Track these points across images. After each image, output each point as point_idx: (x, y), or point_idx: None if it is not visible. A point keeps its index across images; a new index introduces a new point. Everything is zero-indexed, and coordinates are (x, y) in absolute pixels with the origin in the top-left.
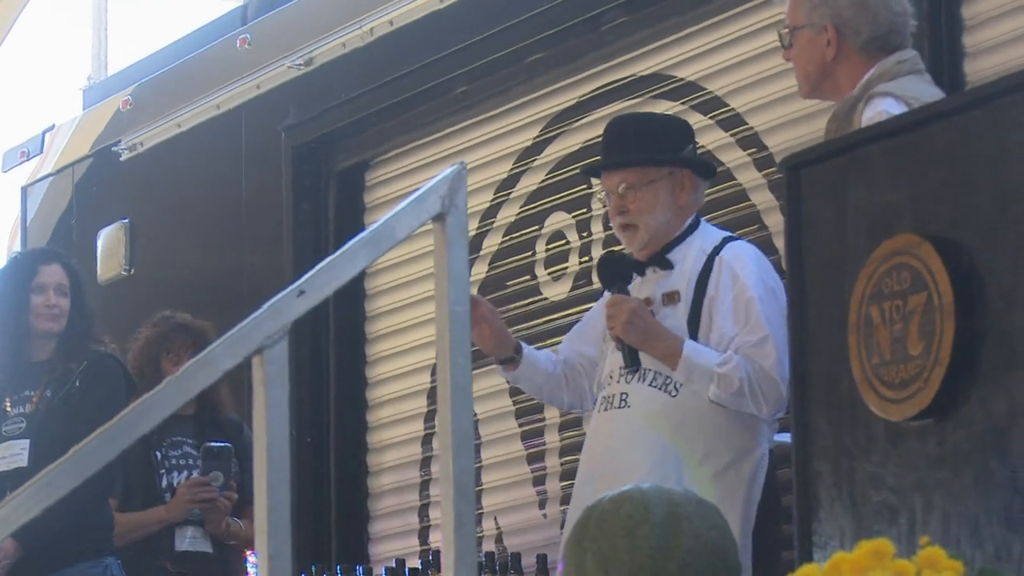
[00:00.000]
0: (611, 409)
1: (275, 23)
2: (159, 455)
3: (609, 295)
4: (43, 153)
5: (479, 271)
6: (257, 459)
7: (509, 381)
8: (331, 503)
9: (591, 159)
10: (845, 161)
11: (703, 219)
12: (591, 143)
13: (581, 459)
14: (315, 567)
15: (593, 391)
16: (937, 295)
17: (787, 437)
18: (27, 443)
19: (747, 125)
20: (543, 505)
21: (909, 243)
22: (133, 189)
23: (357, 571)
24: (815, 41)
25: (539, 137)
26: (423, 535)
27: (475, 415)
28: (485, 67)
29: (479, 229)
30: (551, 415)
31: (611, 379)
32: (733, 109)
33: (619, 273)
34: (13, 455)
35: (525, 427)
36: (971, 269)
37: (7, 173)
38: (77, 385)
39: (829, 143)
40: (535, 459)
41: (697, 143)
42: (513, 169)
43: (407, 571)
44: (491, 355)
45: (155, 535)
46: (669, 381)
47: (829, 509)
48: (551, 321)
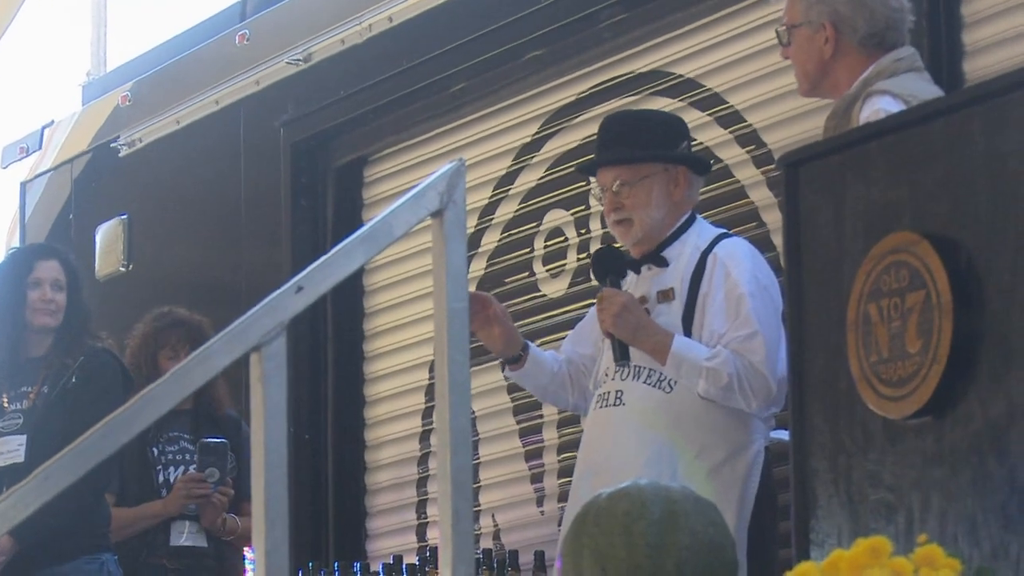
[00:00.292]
0: (606, 406)
1: (274, 19)
2: (156, 450)
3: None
4: (42, 149)
5: (477, 268)
6: (255, 455)
7: (513, 381)
8: (329, 499)
9: (589, 156)
10: (843, 159)
11: (699, 216)
12: (589, 140)
13: (578, 456)
14: (313, 563)
15: (591, 389)
16: (935, 293)
17: (785, 434)
18: (24, 439)
19: (745, 122)
20: (541, 502)
21: (907, 241)
22: (132, 185)
23: (355, 567)
24: (813, 39)
25: (538, 134)
26: (421, 532)
27: (473, 412)
28: (484, 64)
29: (477, 226)
30: (549, 412)
31: (607, 376)
32: (732, 106)
33: (612, 268)
34: (10, 451)
35: (523, 424)
36: (969, 267)
37: (6, 169)
38: (74, 381)
39: (827, 141)
40: (533, 456)
41: (692, 139)
42: (512, 166)
43: (404, 567)
44: (498, 354)
45: (151, 530)
46: (663, 378)
47: (827, 507)
48: (549, 318)
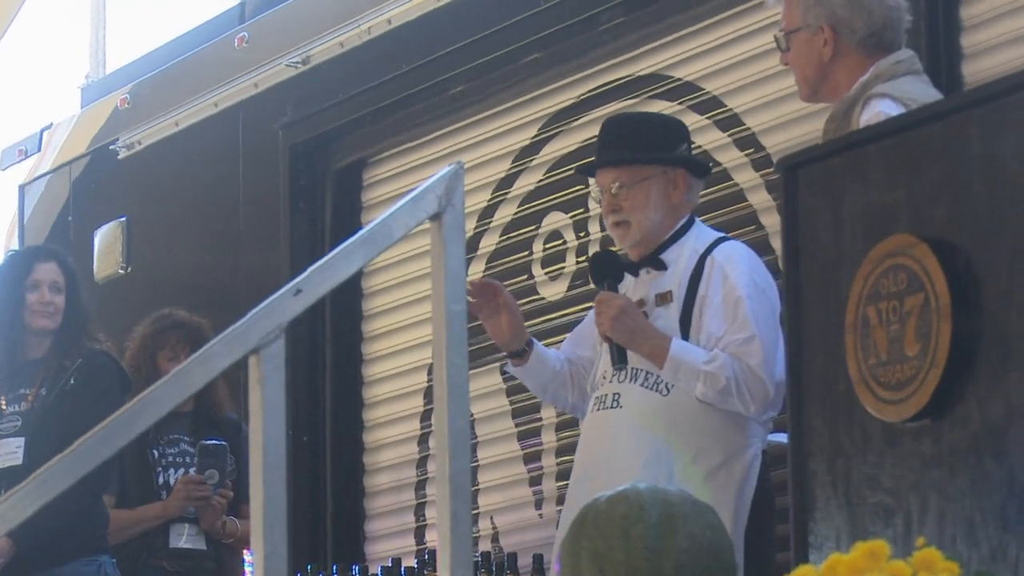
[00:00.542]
0: (604, 409)
1: (273, 22)
2: (156, 453)
3: (599, 294)
4: (41, 151)
5: (476, 270)
6: (253, 458)
7: (516, 376)
8: (327, 502)
9: (588, 159)
10: (842, 162)
11: (698, 219)
12: (589, 143)
13: (575, 459)
14: (311, 566)
15: (589, 392)
16: (934, 296)
17: (783, 437)
18: (22, 441)
19: (744, 125)
20: (539, 505)
21: (906, 244)
22: (130, 187)
23: (353, 570)
24: (812, 42)
25: (536, 137)
26: (419, 534)
27: (471, 415)
28: (483, 66)
29: (476, 229)
30: (548, 415)
31: (604, 379)
32: (731, 109)
33: (609, 271)
34: (8, 453)
35: (521, 427)
36: (967, 270)
37: (5, 171)
38: (72, 383)
39: (826, 144)
40: (531, 459)
41: (692, 142)
42: (510, 169)
43: (403, 570)
44: (503, 346)
45: (151, 532)
46: (660, 381)
47: (825, 509)
48: (548, 321)
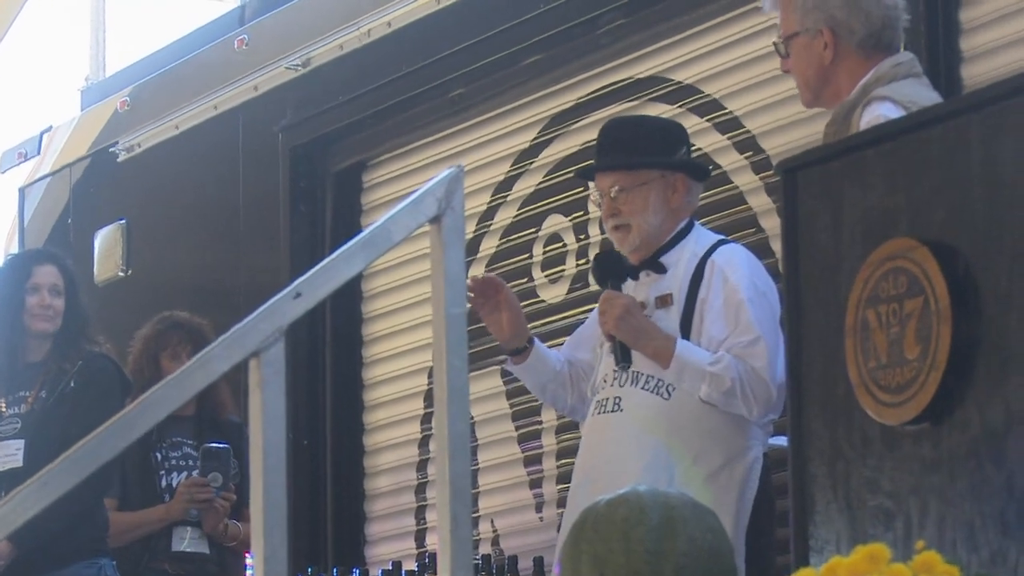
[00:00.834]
0: (605, 413)
1: (273, 24)
2: (159, 456)
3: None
4: (41, 154)
5: (476, 273)
6: (253, 461)
7: (515, 374)
8: (327, 505)
9: (587, 162)
10: (841, 165)
11: (697, 222)
12: (588, 145)
13: (576, 463)
14: (311, 569)
15: (589, 395)
16: (934, 299)
17: (783, 440)
18: (22, 443)
19: (744, 128)
20: (540, 508)
21: (905, 247)
22: (130, 190)
23: (353, 573)
24: (811, 46)
25: (536, 139)
26: (420, 537)
27: (472, 417)
28: (483, 69)
29: (476, 231)
30: (548, 418)
31: (605, 383)
32: (731, 112)
33: (612, 271)
34: (8, 455)
35: (522, 430)
36: (967, 273)
37: (4, 174)
38: (72, 385)
39: (825, 147)
40: (532, 462)
41: (691, 146)
42: (510, 171)
43: (403, 573)
44: (504, 344)
45: (153, 535)
46: (662, 384)
47: (825, 513)
48: (548, 323)
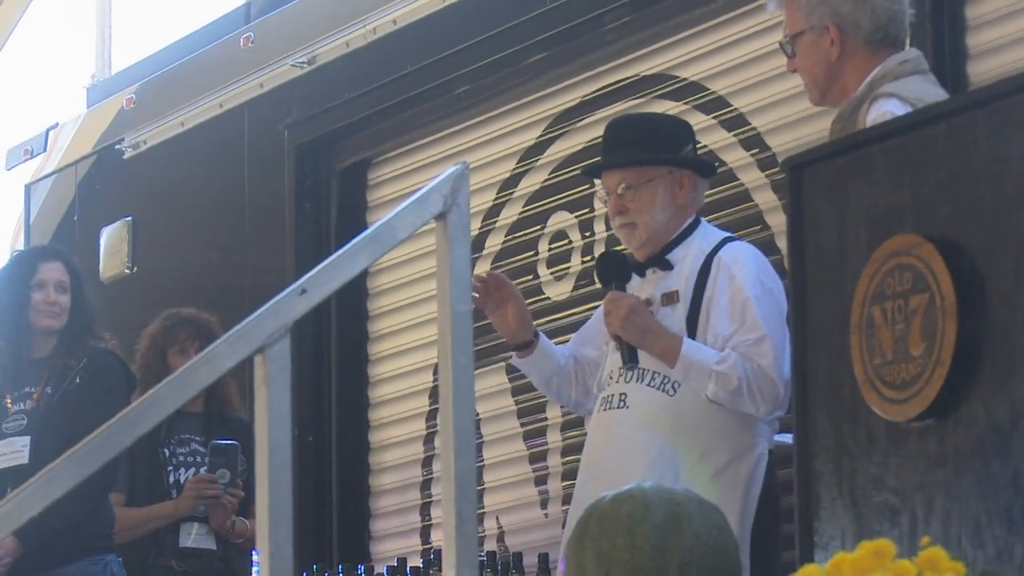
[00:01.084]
0: (610, 409)
1: (278, 22)
2: (167, 452)
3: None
4: (47, 151)
5: (482, 270)
6: (258, 457)
7: (520, 368)
8: (333, 502)
9: (593, 159)
10: (847, 162)
11: (703, 219)
12: (594, 143)
13: (582, 459)
14: (317, 566)
15: (595, 392)
16: (939, 296)
17: (788, 437)
18: (28, 440)
19: (750, 125)
20: (545, 504)
21: (911, 243)
22: (136, 187)
23: (359, 570)
24: (818, 43)
25: (542, 137)
26: (425, 534)
27: (477, 414)
28: (488, 66)
29: (481, 228)
30: (553, 415)
31: (611, 379)
32: (736, 109)
33: (617, 271)
34: (14, 452)
35: (527, 426)
36: (973, 270)
37: (11, 171)
38: (77, 382)
39: (831, 144)
40: (537, 458)
41: (698, 143)
42: (516, 169)
43: (408, 570)
44: (509, 338)
45: (161, 531)
46: (667, 381)
47: (830, 509)
48: (553, 321)
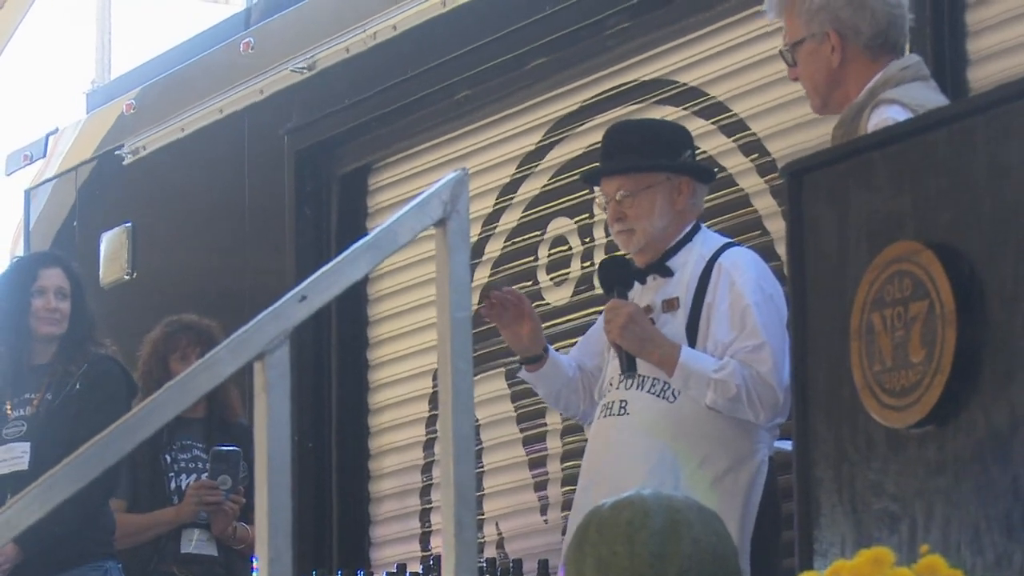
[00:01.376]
0: (610, 416)
1: (278, 27)
2: (168, 458)
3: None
4: (46, 156)
5: (481, 276)
6: (258, 463)
7: (529, 382)
8: (332, 508)
9: (593, 164)
10: (847, 167)
11: (703, 225)
12: (594, 148)
13: (582, 466)
14: (316, 572)
15: (596, 399)
16: (939, 303)
17: (788, 444)
18: (27, 446)
19: (749, 131)
20: (544, 511)
21: (910, 250)
22: (136, 193)
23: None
24: (818, 51)
25: (542, 142)
26: (424, 540)
27: (477, 420)
28: (488, 72)
29: (481, 234)
30: (552, 420)
31: (611, 386)
32: (736, 114)
33: (619, 278)
34: (14, 458)
35: (527, 432)
36: (972, 277)
37: (10, 176)
38: (77, 388)
39: (831, 149)
40: (537, 464)
41: (696, 148)
42: (515, 174)
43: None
44: (520, 352)
45: (162, 537)
46: (667, 388)
47: (830, 516)
48: (553, 326)
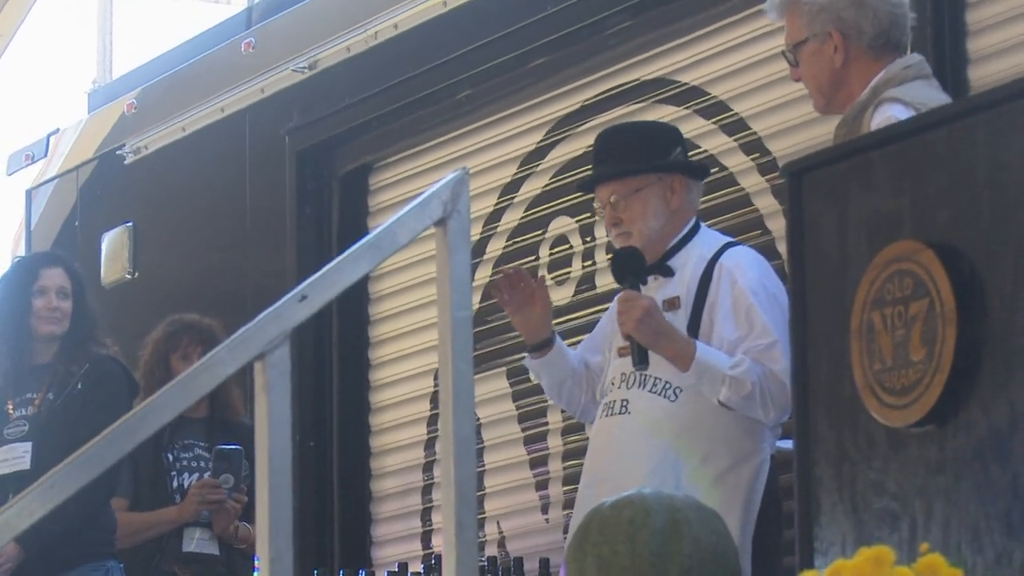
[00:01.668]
0: (612, 415)
1: (279, 27)
2: (170, 457)
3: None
4: (48, 156)
5: (482, 275)
6: (259, 463)
7: (534, 370)
8: (334, 507)
9: (588, 167)
10: (847, 167)
11: (704, 224)
12: None
13: (584, 465)
14: (317, 571)
15: (598, 398)
16: (939, 301)
17: (789, 443)
18: (29, 446)
19: (750, 130)
20: (545, 510)
21: (911, 249)
22: (137, 192)
23: (360, 574)
24: (821, 51)
25: (543, 141)
26: (426, 539)
27: (478, 419)
28: (489, 71)
29: (482, 233)
30: (554, 419)
31: (613, 385)
32: (736, 114)
33: (631, 269)
34: (15, 458)
35: (528, 431)
36: (972, 275)
37: (12, 176)
38: (79, 388)
39: (831, 149)
40: (538, 463)
41: (686, 145)
42: (517, 173)
43: (409, 575)
44: (529, 337)
45: (164, 536)
46: (669, 387)
47: (830, 515)
48: (555, 326)
